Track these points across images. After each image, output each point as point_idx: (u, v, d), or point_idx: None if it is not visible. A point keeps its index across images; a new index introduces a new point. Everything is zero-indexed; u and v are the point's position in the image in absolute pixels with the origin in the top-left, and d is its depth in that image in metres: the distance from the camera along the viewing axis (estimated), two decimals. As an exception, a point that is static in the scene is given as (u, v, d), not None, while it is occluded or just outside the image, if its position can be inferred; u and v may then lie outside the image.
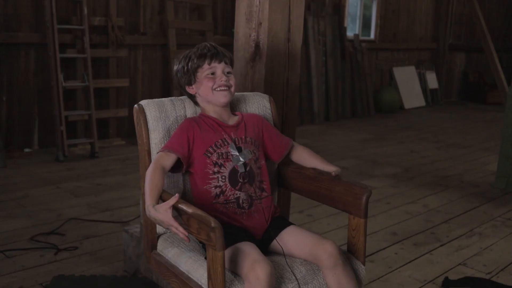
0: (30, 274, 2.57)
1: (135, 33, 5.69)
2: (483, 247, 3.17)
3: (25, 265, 2.66)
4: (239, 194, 1.73)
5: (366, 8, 8.61)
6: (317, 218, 3.52)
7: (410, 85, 9.06)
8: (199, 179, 1.75)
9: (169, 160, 1.70)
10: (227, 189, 1.73)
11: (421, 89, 9.31)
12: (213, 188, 1.73)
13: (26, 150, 4.92)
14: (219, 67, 1.82)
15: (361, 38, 8.28)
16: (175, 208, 1.54)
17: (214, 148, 1.76)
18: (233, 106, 1.95)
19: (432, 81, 9.57)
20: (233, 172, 1.75)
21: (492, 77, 8.72)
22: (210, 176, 1.74)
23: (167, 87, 5.95)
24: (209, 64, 1.81)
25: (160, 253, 1.81)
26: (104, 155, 4.98)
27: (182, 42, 5.96)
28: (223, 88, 1.79)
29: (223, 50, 1.85)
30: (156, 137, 1.78)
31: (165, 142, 1.78)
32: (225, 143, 1.78)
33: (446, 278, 2.70)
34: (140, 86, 5.82)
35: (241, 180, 1.75)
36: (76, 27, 5.01)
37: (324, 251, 1.63)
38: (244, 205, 1.73)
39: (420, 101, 9.16)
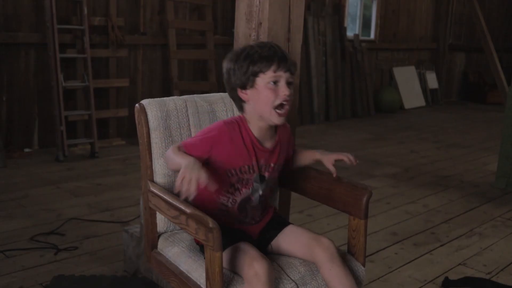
0: (30, 274, 2.57)
1: (135, 33, 5.69)
2: (483, 247, 3.17)
3: (25, 265, 2.66)
4: (242, 218, 1.70)
5: (366, 8, 8.60)
6: (317, 218, 3.52)
7: (410, 85, 9.06)
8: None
9: None
10: (233, 212, 1.68)
11: (421, 89, 9.31)
12: (219, 203, 1.67)
13: (26, 150, 4.92)
14: (283, 77, 1.57)
15: (361, 38, 8.27)
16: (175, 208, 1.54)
17: (238, 172, 1.63)
18: (234, 106, 1.92)
19: (432, 81, 9.57)
20: (246, 200, 1.67)
21: (492, 77, 8.71)
22: (222, 192, 1.65)
23: (167, 87, 5.94)
24: (274, 72, 1.56)
25: (161, 252, 1.81)
26: (104, 155, 4.98)
27: (182, 42, 5.97)
28: (283, 103, 1.57)
29: (289, 55, 1.62)
30: (157, 136, 1.77)
31: (166, 141, 1.76)
32: (251, 171, 1.64)
33: (446, 278, 2.70)
34: (140, 86, 5.82)
35: (249, 209, 1.70)
36: (76, 27, 5.01)
37: (320, 246, 1.62)
38: (243, 221, 1.71)
39: (420, 101, 9.16)
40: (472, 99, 10.20)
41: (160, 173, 1.77)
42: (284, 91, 1.57)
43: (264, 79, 1.56)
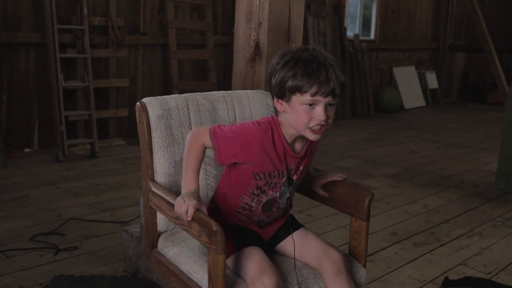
0: (30, 274, 2.57)
1: (135, 33, 5.69)
2: (483, 247, 3.17)
3: (25, 265, 2.66)
4: (265, 218, 1.67)
5: (366, 8, 8.61)
6: (317, 218, 3.52)
7: (410, 85, 9.06)
8: (234, 184, 1.61)
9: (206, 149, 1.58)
10: (256, 212, 1.64)
11: (421, 89, 9.31)
12: (243, 203, 1.62)
13: (26, 150, 4.92)
14: (322, 102, 1.44)
15: (361, 38, 8.28)
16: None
17: (267, 176, 1.57)
18: (235, 105, 1.92)
19: (432, 81, 9.58)
20: (271, 201, 1.63)
21: (492, 77, 8.72)
22: (247, 193, 1.60)
23: (167, 87, 5.94)
24: (312, 96, 1.43)
25: (161, 251, 1.80)
26: (104, 155, 4.98)
27: (182, 42, 5.97)
28: (317, 128, 1.48)
29: (334, 75, 1.44)
30: (158, 135, 1.76)
31: (167, 140, 1.75)
32: (280, 175, 1.58)
33: (446, 278, 2.70)
34: (140, 86, 5.82)
35: (274, 210, 1.66)
36: (76, 27, 5.01)
37: (328, 259, 1.62)
38: (262, 224, 1.69)
39: (420, 101, 9.16)
40: (472, 99, 10.20)
41: (161, 172, 1.76)
42: (319, 116, 1.44)
43: (300, 99, 1.44)
